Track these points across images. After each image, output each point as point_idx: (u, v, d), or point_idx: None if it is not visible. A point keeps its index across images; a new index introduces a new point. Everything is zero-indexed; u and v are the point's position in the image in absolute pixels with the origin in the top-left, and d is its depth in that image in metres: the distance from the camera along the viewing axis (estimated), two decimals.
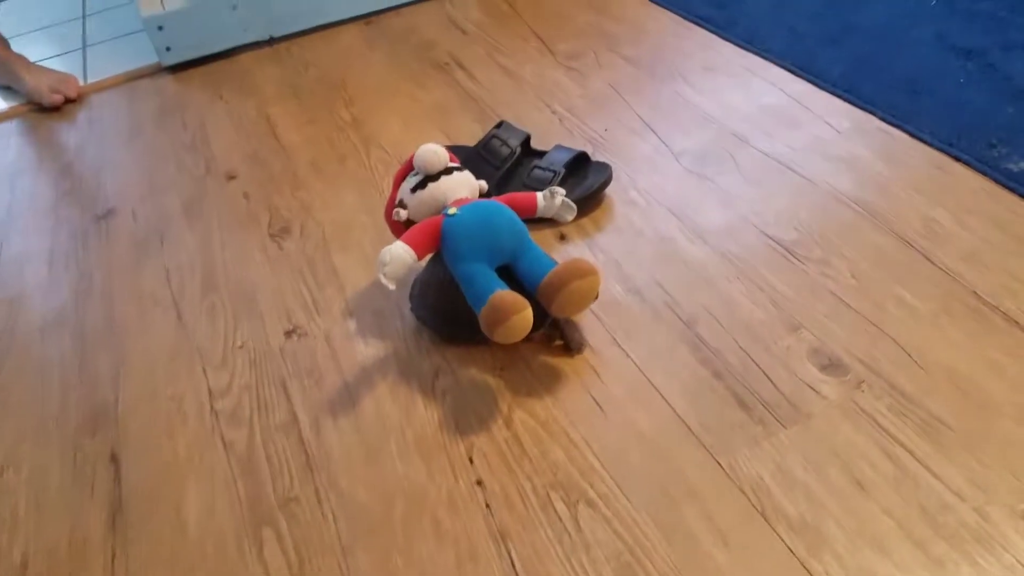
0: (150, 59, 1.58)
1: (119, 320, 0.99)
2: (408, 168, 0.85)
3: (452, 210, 0.80)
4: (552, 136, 1.17)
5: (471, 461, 0.74)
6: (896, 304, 0.83)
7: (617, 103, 1.23)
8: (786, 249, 0.92)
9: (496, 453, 0.74)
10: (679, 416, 0.75)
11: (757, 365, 0.78)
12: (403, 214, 0.83)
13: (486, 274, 0.77)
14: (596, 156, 1.12)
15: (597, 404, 0.77)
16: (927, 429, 0.70)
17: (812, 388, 0.75)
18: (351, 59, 1.48)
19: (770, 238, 0.94)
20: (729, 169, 1.06)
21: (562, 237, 0.98)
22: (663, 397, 0.77)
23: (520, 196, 0.86)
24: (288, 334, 0.91)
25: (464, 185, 0.84)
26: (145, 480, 0.78)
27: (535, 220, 0.93)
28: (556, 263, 0.78)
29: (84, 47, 1.74)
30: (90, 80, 1.58)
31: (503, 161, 1.01)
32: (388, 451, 0.76)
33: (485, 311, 0.73)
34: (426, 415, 0.78)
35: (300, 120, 1.31)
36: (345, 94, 1.36)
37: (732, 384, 0.77)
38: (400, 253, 0.77)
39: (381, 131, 1.25)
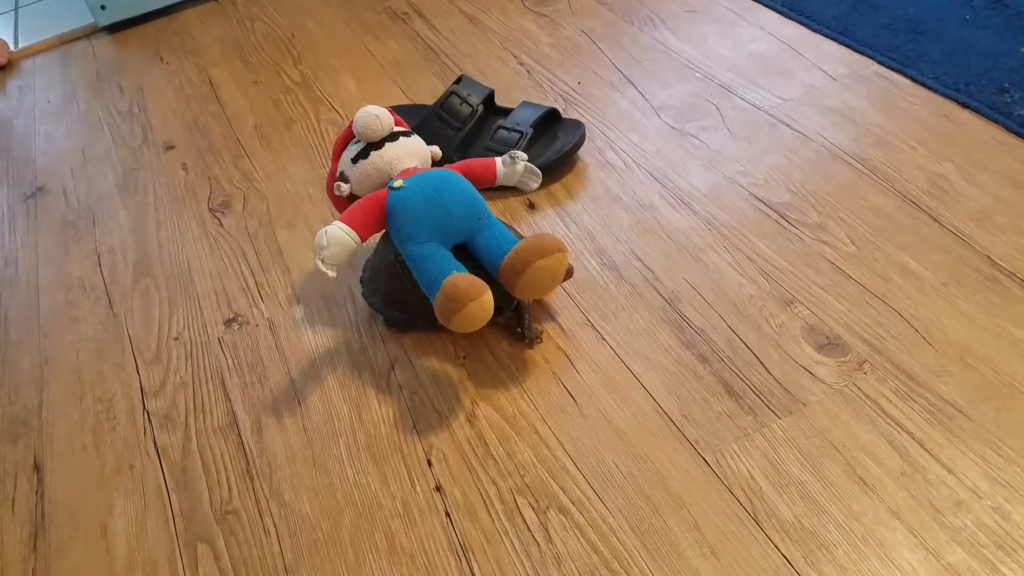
0: (86, 19, 1.46)
1: (45, 311, 0.89)
2: (349, 135, 0.76)
3: (397, 183, 0.70)
4: (520, 91, 1.07)
5: (429, 464, 0.66)
6: (900, 273, 0.74)
7: (591, 53, 1.13)
8: (778, 214, 0.83)
9: (457, 454, 0.66)
10: (660, 407, 0.67)
11: (747, 346, 0.70)
12: (344, 188, 0.74)
13: (439, 256, 0.68)
14: (568, 113, 1.02)
15: (570, 395, 0.69)
16: (938, 416, 0.63)
17: (808, 371, 0.67)
18: (301, 12, 1.36)
19: (760, 201, 0.85)
20: (714, 124, 0.97)
21: (531, 206, 0.89)
22: (643, 385, 0.68)
23: (477, 163, 0.77)
24: (228, 323, 0.82)
25: (412, 153, 0.74)
26: (71, 493, 0.70)
27: (499, 188, 0.84)
28: (519, 239, 0.69)
29: (16, 8, 1.60)
30: (21, 44, 1.45)
31: (464, 121, 0.91)
32: (337, 455, 0.68)
33: (439, 298, 0.64)
34: (380, 413, 0.70)
35: (245, 81, 1.20)
36: (294, 51, 1.25)
37: (719, 369, 0.69)
38: (339, 235, 0.67)
39: (332, 91, 1.14)
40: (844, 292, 0.74)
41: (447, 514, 0.62)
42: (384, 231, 0.72)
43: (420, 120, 0.92)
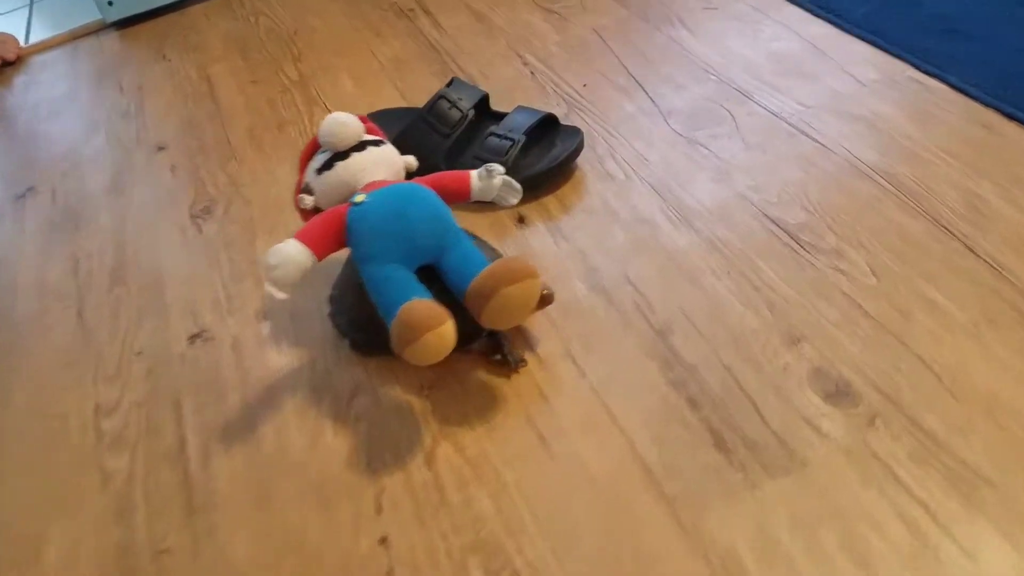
0: (97, 15, 1.43)
1: (20, 319, 0.86)
2: (315, 144, 0.70)
3: (359, 197, 0.64)
4: (521, 94, 1.00)
5: (379, 510, 0.60)
6: (925, 309, 0.66)
7: (601, 52, 1.05)
8: (790, 236, 0.75)
9: (410, 500, 0.60)
10: (639, 456, 0.59)
11: (743, 390, 0.63)
12: (308, 201, 0.68)
13: (399, 278, 0.62)
14: (569, 118, 0.95)
15: (540, 436, 0.62)
16: (957, 483, 0.54)
17: (811, 424, 0.59)
18: (306, 7, 1.31)
19: (772, 221, 0.77)
20: (727, 132, 0.89)
21: (521, 220, 0.82)
22: (621, 429, 0.61)
23: (450, 177, 0.70)
24: (193, 338, 0.77)
25: (382, 163, 0.68)
26: (11, 512, 0.66)
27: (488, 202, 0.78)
28: (491, 261, 0.63)
29: (31, 4, 1.59)
30: (32, 40, 1.44)
31: (453, 127, 0.85)
32: (284, 493, 0.62)
33: (394, 326, 0.58)
34: (334, 447, 0.64)
35: (243, 80, 1.16)
36: (295, 48, 1.20)
37: (709, 415, 0.61)
38: (291, 253, 0.62)
39: (329, 91, 1.09)
40: (859, 330, 0.65)
41: (388, 573, 0.56)
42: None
43: (406, 126, 0.86)
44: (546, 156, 0.85)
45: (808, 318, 0.67)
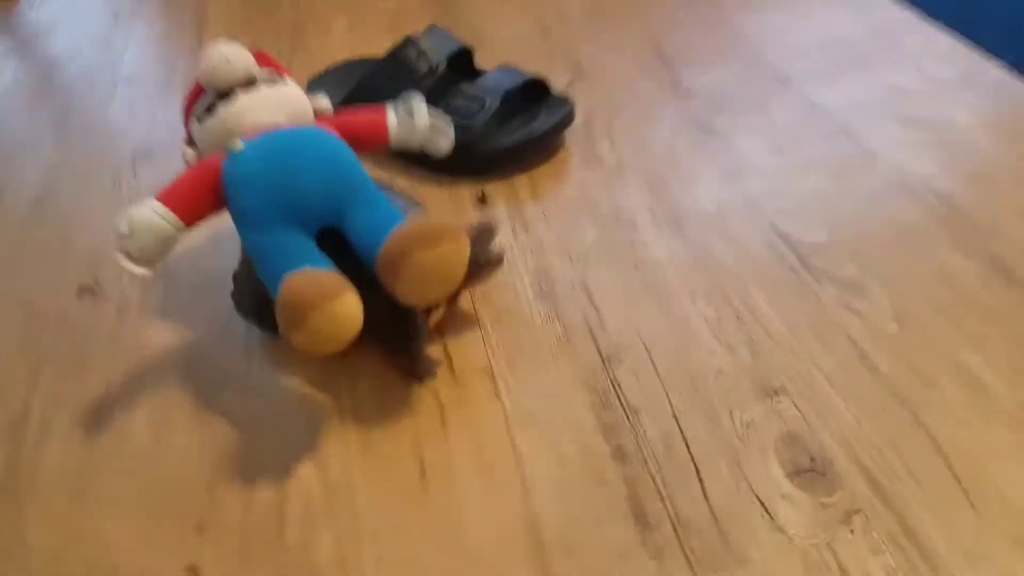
0: None
1: None
2: (200, 87, 0.57)
3: (237, 145, 0.52)
4: (527, 56, 0.86)
5: (201, 531, 0.48)
6: (956, 377, 0.50)
7: (628, 17, 0.90)
8: (800, 258, 0.59)
9: (241, 527, 0.48)
10: (533, 515, 0.46)
11: (688, 448, 0.48)
12: (190, 155, 0.56)
13: (287, 245, 0.49)
14: (573, 88, 0.81)
15: (422, 472, 0.49)
16: None
17: (765, 507, 0.45)
18: None
19: (781, 238, 0.61)
20: (754, 124, 0.73)
21: (482, 200, 0.69)
22: (523, 477, 0.48)
23: (362, 117, 0.57)
24: (82, 293, 0.67)
25: (277, 106, 0.54)
26: None
27: (447, 175, 0.65)
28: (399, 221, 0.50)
29: None
30: None
31: (417, 80, 0.71)
32: (104, 494, 0.51)
33: (277, 305, 0.46)
34: (181, 445, 0.53)
35: (237, 19, 1.05)
36: None
37: (636, 475, 0.47)
38: (148, 219, 0.49)
39: (317, 36, 0.97)
40: (860, 391, 0.50)
41: None
42: None
43: (361, 75, 0.73)
44: (525, 127, 0.71)
45: (796, 366, 0.52)
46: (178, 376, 0.58)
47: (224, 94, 0.54)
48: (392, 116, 0.57)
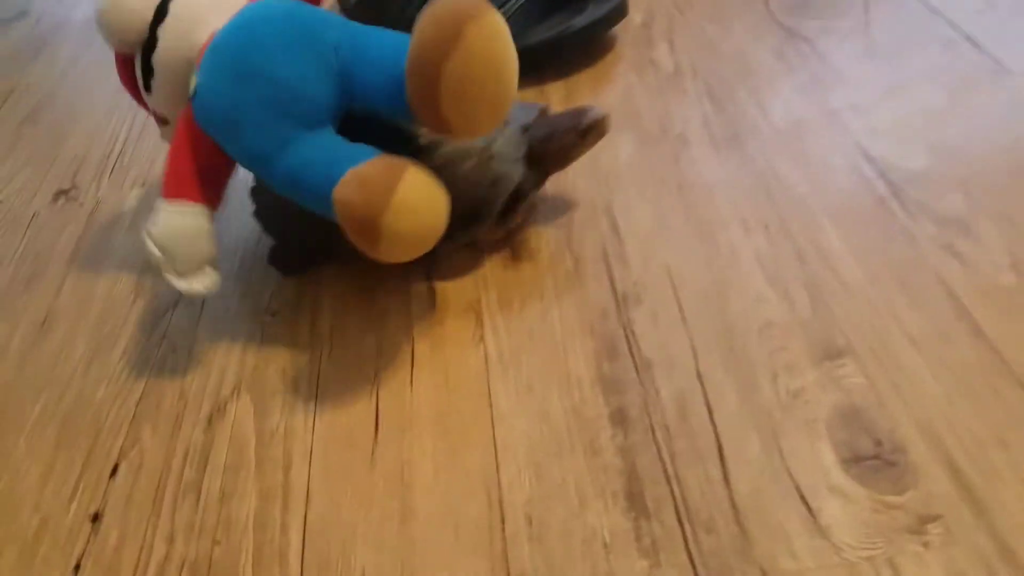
0: None
1: None
2: (124, 58, 0.46)
3: (192, 81, 0.41)
4: None
5: (113, 473, 0.40)
6: None
7: None
8: (892, 188, 0.46)
9: (156, 472, 0.40)
10: (500, 488, 0.36)
11: (711, 417, 0.37)
12: (166, 135, 0.46)
13: (312, 153, 0.38)
14: None
15: (375, 422, 0.40)
16: None
17: (805, 501, 0.33)
18: None
19: (869, 161, 0.48)
20: (850, 27, 0.58)
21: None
22: (494, 440, 0.38)
23: None
24: (57, 196, 0.61)
25: (210, 6, 0.43)
26: None
27: None
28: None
29: None
30: None
31: None
32: (27, 416, 0.44)
33: (338, 215, 0.37)
34: (113, 371, 0.45)
35: None
36: None
37: (638, 445, 0.36)
38: (171, 224, 0.41)
39: None
40: (957, 359, 0.37)
41: (78, 566, 0.37)
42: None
43: None
44: (567, 22, 0.59)
45: (871, 320, 0.39)
46: (127, 286, 0.51)
47: (146, 42, 0.43)
48: None
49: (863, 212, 0.45)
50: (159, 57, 0.43)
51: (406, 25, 0.59)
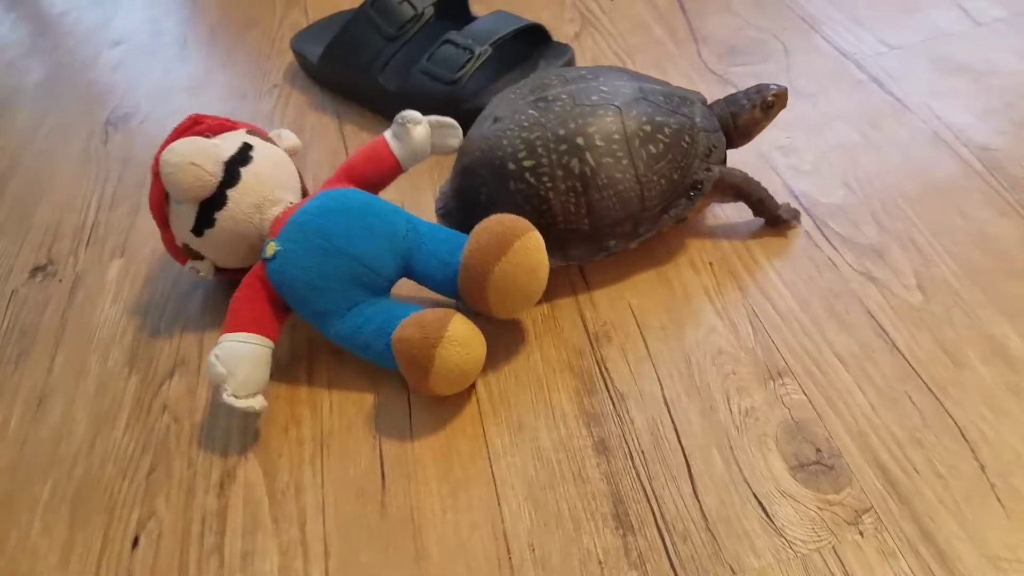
0: None
1: None
2: (163, 190, 0.51)
3: (269, 248, 0.47)
4: (536, 8, 0.80)
5: (135, 544, 0.44)
6: (988, 355, 0.43)
7: None
8: (814, 221, 0.52)
9: (177, 540, 0.43)
10: (503, 519, 0.41)
11: (679, 439, 0.42)
12: (204, 270, 0.52)
13: (372, 314, 0.47)
14: (580, 39, 0.74)
15: (381, 470, 0.44)
16: None
17: (763, 508, 0.39)
18: None
19: (795, 197, 0.54)
20: (772, 71, 0.66)
21: None
22: (492, 471, 0.43)
23: (361, 157, 0.52)
24: (35, 272, 0.63)
25: (271, 178, 0.51)
26: None
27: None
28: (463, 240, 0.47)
29: None
30: None
31: (401, 28, 0.65)
32: (36, 495, 0.46)
33: (399, 362, 0.44)
34: (120, 443, 0.48)
35: None
36: None
37: (619, 472, 0.42)
38: (237, 349, 0.45)
39: None
40: (878, 374, 0.44)
41: None
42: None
43: (343, 24, 0.67)
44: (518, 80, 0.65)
45: (804, 344, 0.46)
46: (122, 359, 0.54)
47: (211, 201, 0.49)
48: (389, 138, 0.53)
49: (793, 246, 0.51)
50: (227, 215, 0.49)
51: (370, 85, 0.65)
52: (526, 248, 0.44)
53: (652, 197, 0.48)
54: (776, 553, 0.37)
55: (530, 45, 0.67)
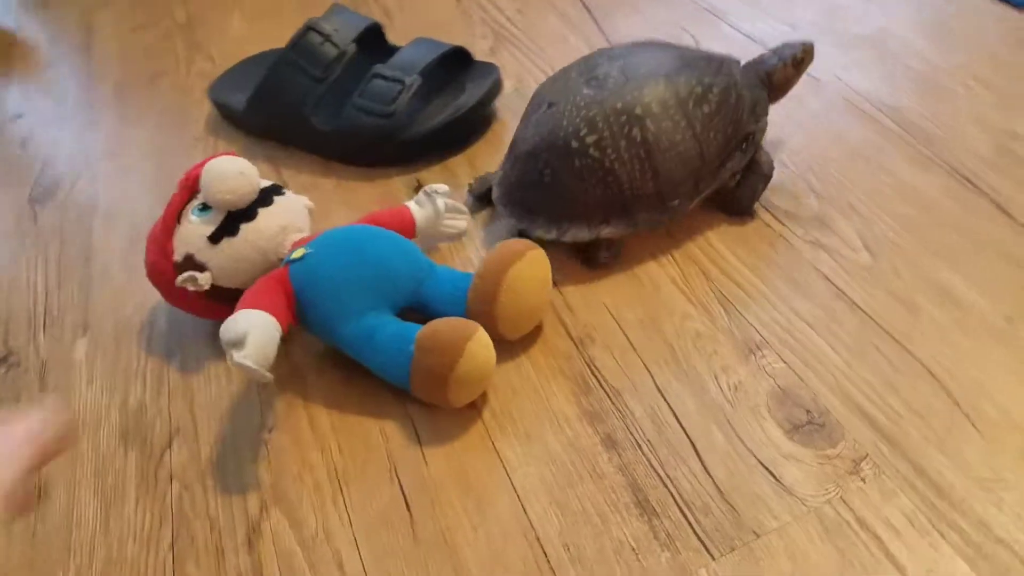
0: None
1: None
2: (185, 197, 0.53)
3: (297, 252, 0.50)
4: (446, 29, 0.81)
5: None
6: (938, 299, 0.48)
7: None
8: (765, 205, 0.56)
9: None
10: (532, 525, 0.43)
11: (679, 423, 0.45)
12: (203, 280, 0.51)
13: (389, 322, 0.49)
14: (495, 54, 0.76)
15: (404, 498, 0.45)
16: (981, 565, 0.37)
17: (770, 472, 0.42)
18: None
19: None
20: None
21: (418, 190, 0.64)
22: (513, 486, 0.45)
23: (386, 215, 0.55)
24: None
25: (297, 214, 0.54)
26: None
27: (372, 170, 0.60)
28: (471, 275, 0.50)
29: None
30: None
31: (326, 68, 0.66)
32: None
33: (418, 362, 0.46)
34: (134, 520, 0.47)
35: (129, 25, 0.97)
36: None
37: (632, 462, 0.44)
38: (257, 317, 0.46)
39: (215, 33, 0.90)
40: (844, 331, 0.48)
41: None
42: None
43: (266, 71, 0.67)
44: (453, 103, 0.66)
45: (774, 317, 0.49)
46: (115, 434, 0.53)
47: (242, 212, 0.52)
48: (415, 206, 0.56)
49: (745, 229, 0.55)
50: (254, 228, 0.52)
51: (303, 127, 0.66)
52: (534, 259, 0.49)
53: (710, 153, 0.52)
54: (791, 511, 0.40)
55: (455, 68, 0.69)
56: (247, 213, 0.52)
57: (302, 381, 0.53)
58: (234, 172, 0.51)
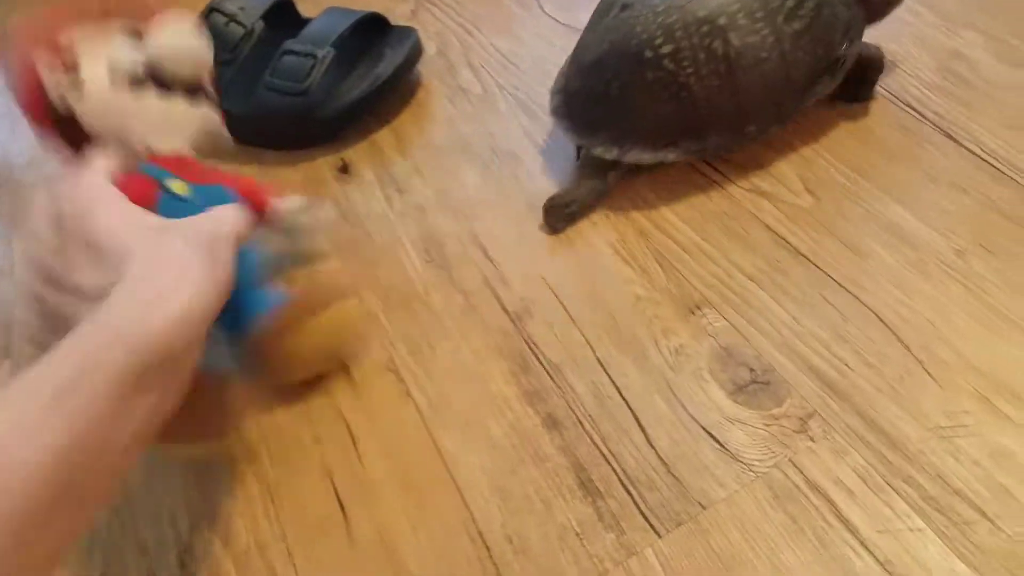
0: None
1: None
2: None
3: (177, 185, 0.41)
4: None
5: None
6: (886, 238, 0.45)
7: None
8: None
9: None
10: (473, 518, 0.40)
11: (620, 394, 0.43)
12: (75, 85, 0.40)
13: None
14: (416, 17, 0.72)
15: (339, 504, 0.43)
16: (940, 522, 0.35)
17: (715, 439, 0.40)
18: None
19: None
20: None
21: (343, 169, 0.61)
22: (453, 478, 0.42)
23: (252, 192, 0.45)
24: None
25: (187, 124, 0.44)
26: None
27: (306, 148, 0.57)
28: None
29: None
30: None
31: (234, 49, 0.62)
32: None
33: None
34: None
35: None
36: None
37: (573, 441, 0.42)
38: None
39: None
40: (789, 282, 0.45)
41: None
42: None
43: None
44: (371, 73, 0.62)
45: (712, 272, 0.47)
46: None
47: (180, 82, 0.43)
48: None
49: (675, 180, 0.52)
50: (175, 106, 0.43)
51: (231, 81, 0.61)
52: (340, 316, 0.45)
53: (797, 76, 0.47)
54: (738, 478, 0.38)
55: (371, 36, 0.65)
56: (192, 87, 0.43)
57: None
58: (188, 46, 0.43)
